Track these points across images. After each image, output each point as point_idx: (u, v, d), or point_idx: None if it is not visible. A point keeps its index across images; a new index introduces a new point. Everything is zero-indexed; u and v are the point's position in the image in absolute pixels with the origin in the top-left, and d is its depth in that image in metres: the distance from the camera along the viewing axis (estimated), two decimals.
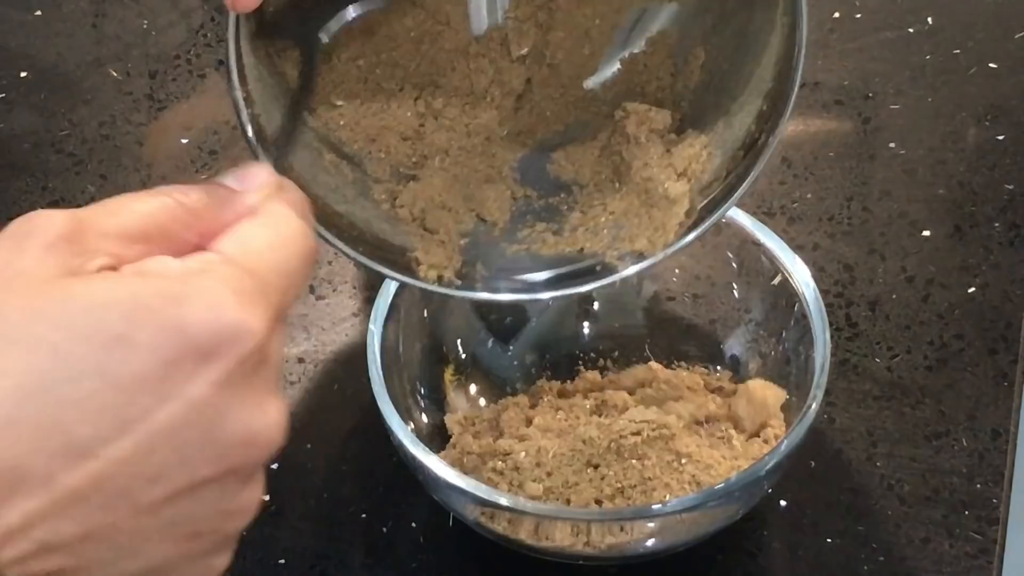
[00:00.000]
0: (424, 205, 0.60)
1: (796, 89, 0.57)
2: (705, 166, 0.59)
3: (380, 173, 0.60)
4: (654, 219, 0.58)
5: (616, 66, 0.63)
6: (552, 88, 0.63)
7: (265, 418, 0.40)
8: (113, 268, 0.40)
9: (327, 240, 0.54)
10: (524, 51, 0.63)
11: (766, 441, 0.70)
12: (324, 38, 0.60)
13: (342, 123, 0.60)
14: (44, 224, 0.39)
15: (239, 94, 0.51)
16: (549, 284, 0.59)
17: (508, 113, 0.63)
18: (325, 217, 0.55)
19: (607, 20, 0.63)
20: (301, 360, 0.79)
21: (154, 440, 0.37)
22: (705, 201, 0.58)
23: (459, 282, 0.58)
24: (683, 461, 0.67)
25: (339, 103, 0.60)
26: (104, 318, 0.37)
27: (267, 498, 0.72)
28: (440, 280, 0.57)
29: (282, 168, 0.52)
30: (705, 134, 0.59)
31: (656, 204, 0.59)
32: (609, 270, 0.58)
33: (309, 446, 0.75)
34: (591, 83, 0.63)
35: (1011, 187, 0.87)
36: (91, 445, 0.37)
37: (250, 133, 0.52)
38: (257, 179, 0.45)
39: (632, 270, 0.59)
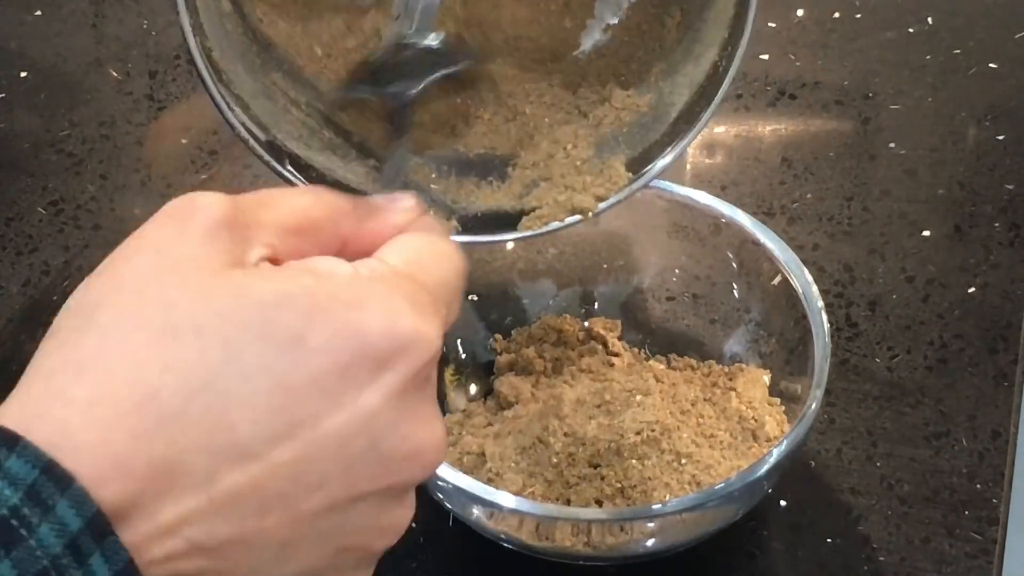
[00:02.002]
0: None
1: (755, 3, 0.57)
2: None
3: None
4: (604, 172, 0.60)
5: (596, 36, 0.64)
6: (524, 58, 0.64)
7: (431, 434, 0.38)
8: (273, 261, 0.39)
9: (289, 179, 0.54)
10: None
11: (767, 441, 0.70)
12: None
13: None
14: (205, 208, 0.38)
15: (186, 20, 0.52)
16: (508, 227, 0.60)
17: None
18: (293, 161, 0.55)
19: None
20: None
21: (320, 447, 0.36)
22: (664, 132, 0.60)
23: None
24: (683, 461, 0.67)
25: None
26: (279, 316, 0.36)
27: None
28: None
29: (245, 111, 0.52)
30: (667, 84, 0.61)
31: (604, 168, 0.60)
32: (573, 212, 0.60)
33: None
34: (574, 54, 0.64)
35: (1011, 187, 0.87)
36: (256, 447, 0.35)
37: (198, 57, 0.52)
38: (404, 202, 0.44)
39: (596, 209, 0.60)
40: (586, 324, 0.77)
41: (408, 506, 0.40)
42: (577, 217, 0.60)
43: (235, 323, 0.36)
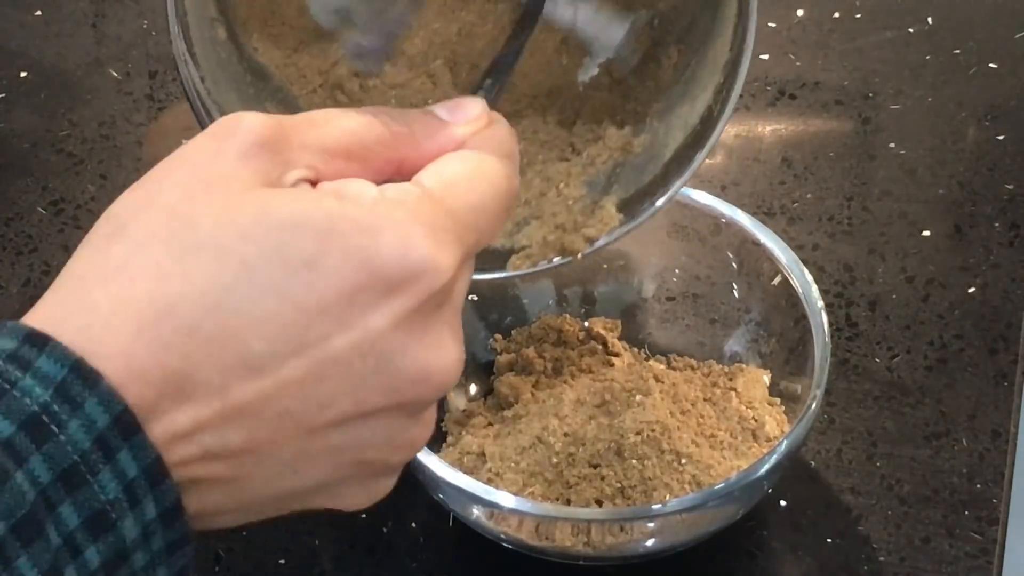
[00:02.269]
0: None
1: (751, 48, 0.57)
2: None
3: None
4: (595, 213, 0.60)
5: (593, 73, 0.64)
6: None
7: (441, 357, 0.39)
8: (311, 182, 0.39)
9: None
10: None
11: (766, 441, 0.70)
12: None
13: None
14: (246, 128, 0.39)
15: (181, 46, 0.52)
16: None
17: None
18: None
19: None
20: None
21: (328, 366, 0.37)
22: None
23: None
24: (683, 461, 0.67)
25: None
26: (295, 238, 0.37)
27: None
28: None
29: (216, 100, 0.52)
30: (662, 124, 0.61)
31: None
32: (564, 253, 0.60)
33: None
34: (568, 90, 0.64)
35: (1011, 187, 0.87)
36: (266, 363, 0.37)
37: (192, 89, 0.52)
38: (468, 112, 0.44)
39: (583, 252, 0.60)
40: (586, 324, 0.77)
41: (425, 424, 0.41)
42: (567, 259, 0.60)
43: (253, 243, 0.37)
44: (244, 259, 0.37)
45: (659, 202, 0.60)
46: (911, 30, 0.98)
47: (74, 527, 0.35)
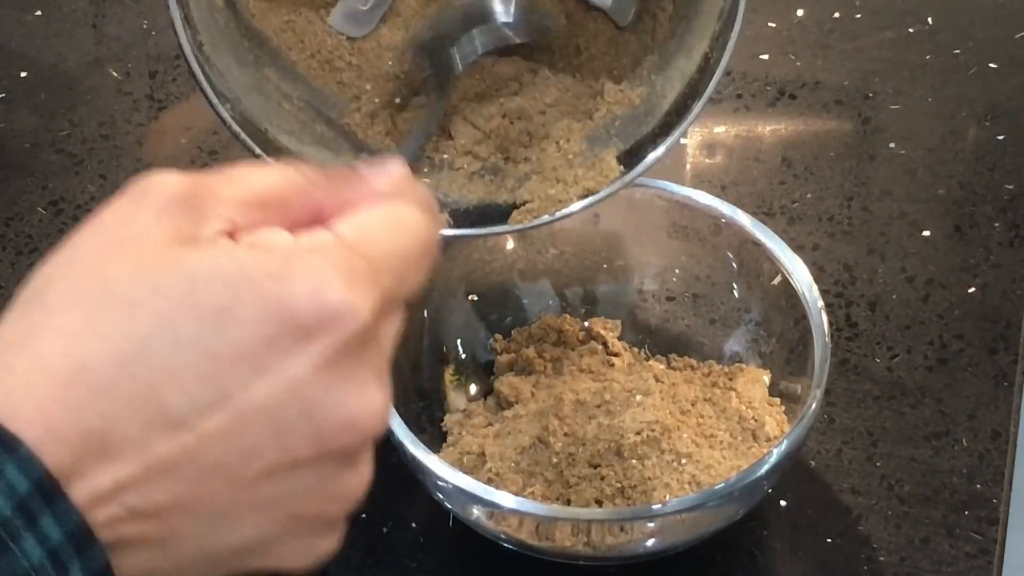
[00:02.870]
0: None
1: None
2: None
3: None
4: (596, 165, 0.60)
5: (592, 26, 0.64)
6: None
7: (365, 404, 0.39)
8: (229, 234, 0.39)
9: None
10: None
11: (766, 440, 0.70)
12: None
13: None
14: (160, 187, 0.39)
15: (177, 13, 0.52)
16: (499, 219, 0.60)
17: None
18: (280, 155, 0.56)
19: None
20: None
21: (250, 416, 0.37)
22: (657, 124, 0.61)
23: None
24: (683, 461, 0.67)
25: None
26: (208, 289, 0.37)
27: None
28: None
29: (238, 115, 0.52)
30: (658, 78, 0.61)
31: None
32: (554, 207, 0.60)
33: None
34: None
35: (1011, 187, 0.87)
36: (186, 416, 0.36)
37: (188, 50, 0.52)
38: (389, 171, 0.43)
39: (583, 204, 0.60)
40: (586, 324, 0.77)
41: (359, 473, 0.40)
42: (567, 211, 0.60)
43: (166, 296, 0.37)
44: (157, 312, 0.36)
45: (659, 151, 0.60)
46: (911, 30, 0.98)
47: None
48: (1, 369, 0.36)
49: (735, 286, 0.75)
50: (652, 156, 0.60)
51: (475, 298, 0.76)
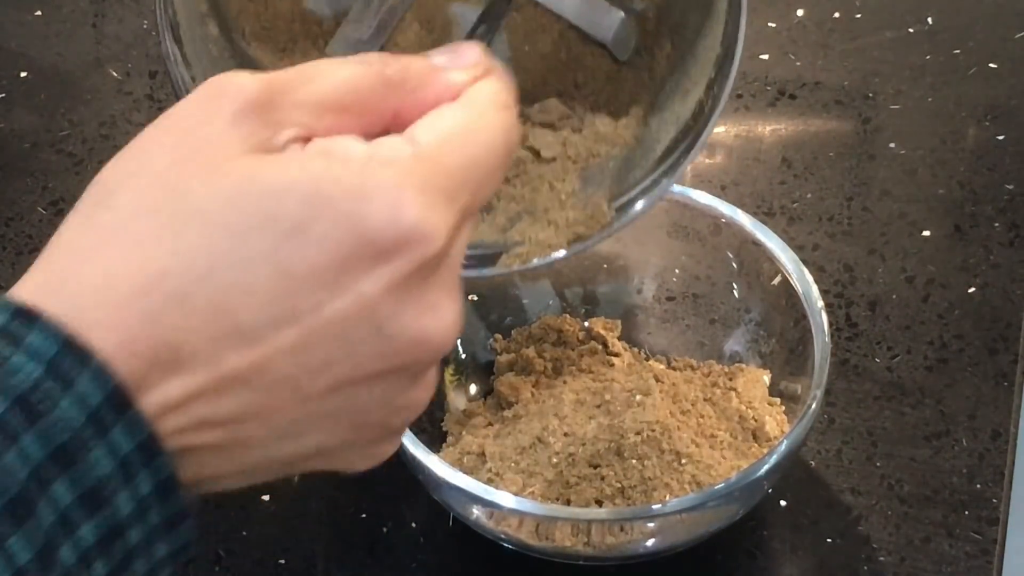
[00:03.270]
0: None
1: (742, 44, 0.57)
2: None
3: None
4: (588, 208, 0.60)
5: (590, 63, 0.64)
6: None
7: (437, 320, 0.39)
8: (304, 140, 0.39)
9: None
10: None
11: (767, 441, 0.70)
12: None
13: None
14: (235, 90, 0.38)
15: (169, 48, 0.52)
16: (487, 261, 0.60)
17: None
18: None
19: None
20: None
21: (321, 333, 0.37)
22: (660, 170, 0.60)
23: None
24: (683, 461, 0.67)
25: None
26: (283, 205, 0.36)
27: (266, 498, 0.72)
28: None
29: None
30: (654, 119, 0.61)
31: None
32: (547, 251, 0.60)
33: None
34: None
35: (1011, 187, 0.87)
36: (258, 331, 0.36)
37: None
38: (466, 58, 0.42)
39: (573, 250, 0.60)
40: (586, 324, 0.77)
41: (425, 387, 0.41)
42: (558, 255, 0.60)
43: (241, 211, 0.36)
44: (232, 227, 0.36)
45: (650, 201, 0.60)
46: (911, 30, 0.98)
47: (68, 505, 0.34)
48: (70, 277, 0.36)
49: (735, 286, 0.75)
50: (643, 207, 0.60)
51: (475, 298, 0.76)
